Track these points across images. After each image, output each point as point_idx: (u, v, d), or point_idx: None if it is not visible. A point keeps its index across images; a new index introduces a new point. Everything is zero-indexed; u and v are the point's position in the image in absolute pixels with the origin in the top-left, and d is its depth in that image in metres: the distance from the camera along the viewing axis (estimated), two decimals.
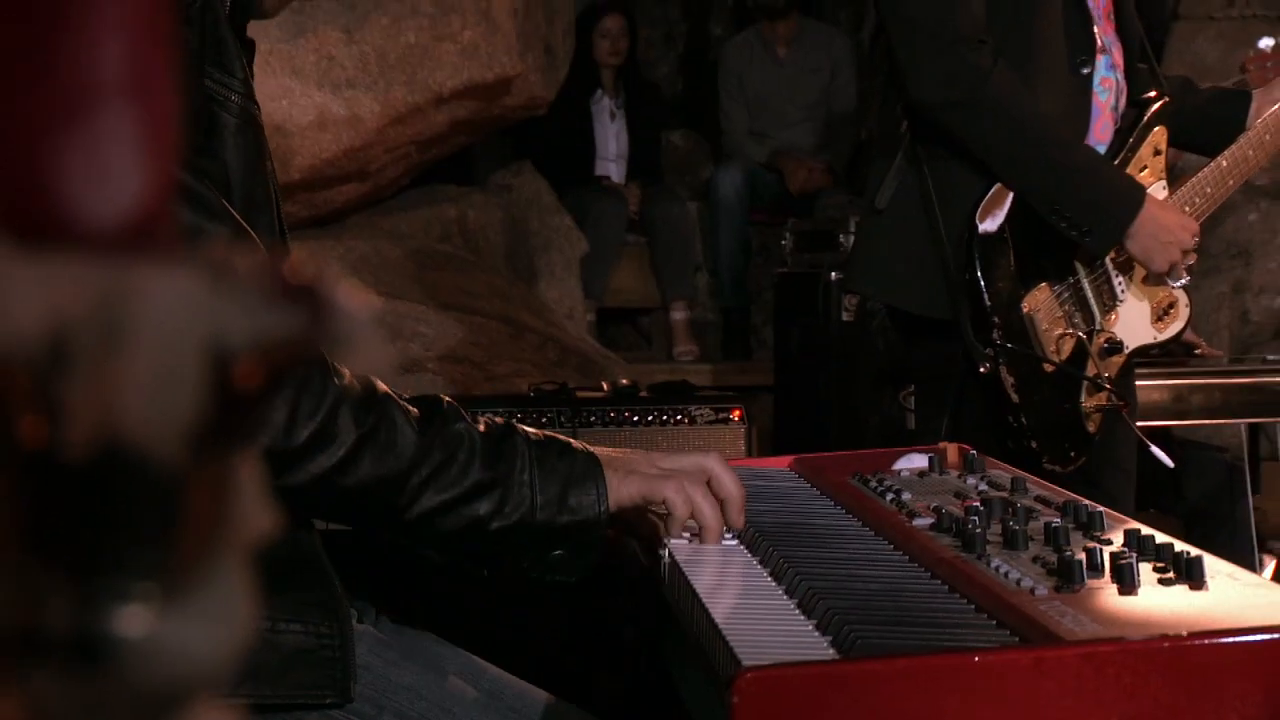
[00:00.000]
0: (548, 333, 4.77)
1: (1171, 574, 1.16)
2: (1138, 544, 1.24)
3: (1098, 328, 2.57)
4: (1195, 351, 3.90)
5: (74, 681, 0.36)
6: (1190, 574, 1.14)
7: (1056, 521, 1.31)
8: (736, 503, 1.41)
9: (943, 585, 1.21)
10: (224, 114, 1.32)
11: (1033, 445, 2.46)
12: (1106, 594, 1.11)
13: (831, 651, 1.05)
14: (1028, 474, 1.63)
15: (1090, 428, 2.53)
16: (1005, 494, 1.51)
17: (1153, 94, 2.63)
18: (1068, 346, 2.54)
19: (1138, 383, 2.80)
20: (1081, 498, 1.46)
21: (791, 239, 4.93)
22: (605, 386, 3.42)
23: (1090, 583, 1.13)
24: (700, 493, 1.39)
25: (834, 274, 4.47)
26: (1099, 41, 2.56)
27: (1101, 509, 1.38)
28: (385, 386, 1.32)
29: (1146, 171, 2.60)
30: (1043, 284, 2.52)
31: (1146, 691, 0.95)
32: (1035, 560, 1.21)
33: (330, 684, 1.30)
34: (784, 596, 1.21)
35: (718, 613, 1.13)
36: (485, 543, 1.35)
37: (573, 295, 5.55)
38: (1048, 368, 2.50)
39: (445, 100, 4.65)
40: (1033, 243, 2.49)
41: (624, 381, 3.48)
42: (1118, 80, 2.61)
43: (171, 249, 0.38)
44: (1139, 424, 2.64)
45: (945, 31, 2.41)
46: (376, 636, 1.43)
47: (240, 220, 1.27)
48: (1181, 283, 2.56)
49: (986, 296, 2.45)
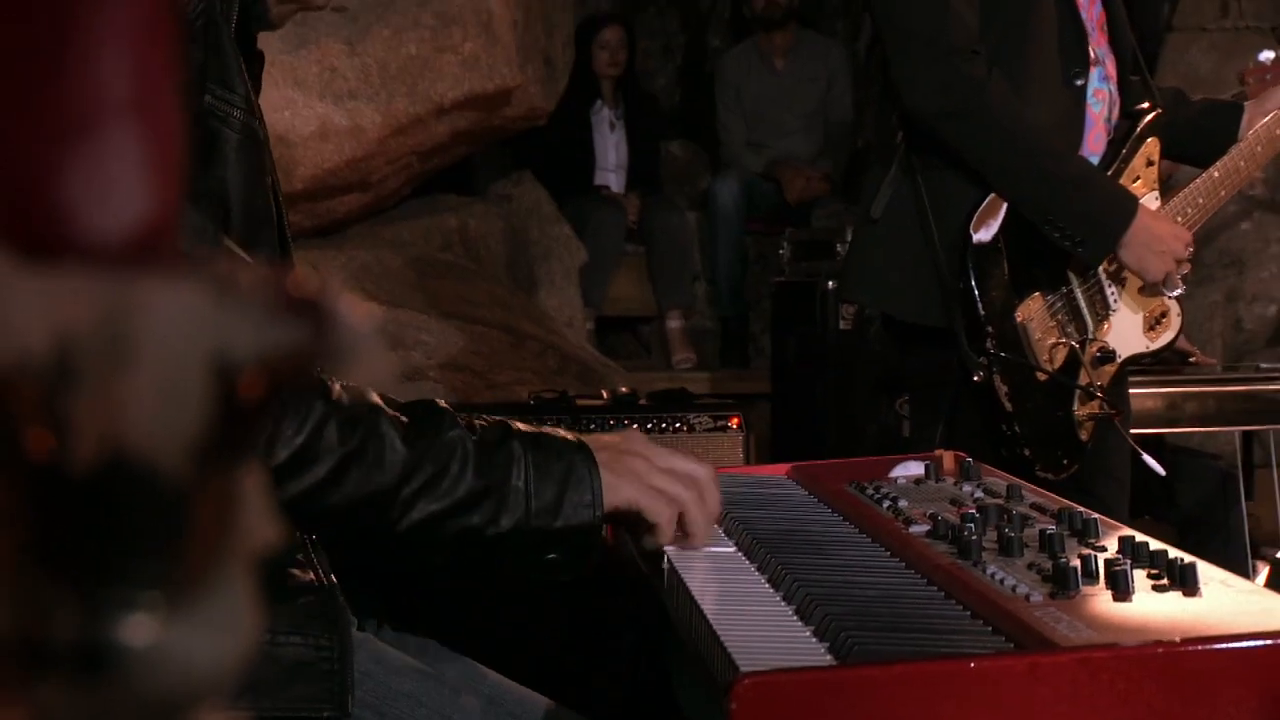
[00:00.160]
0: (548, 341, 4.77)
1: (1165, 580, 1.16)
2: (1132, 551, 1.24)
3: (1090, 337, 2.57)
4: (1190, 359, 3.91)
5: (80, 691, 0.36)
6: (1184, 580, 1.14)
7: (1051, 528, 1.31)
8: (710, 520, 1.42)
9: (939, 592, 1.22)
10: (225, 130, 1.32)
11: (1026, 453, 2.46)
12: (1101, 600, 1.12)
13: (829, 657, 1.05)
14: (1023, 481, 1.63)
15: (1083, 436, 2.53)
16: (1001, 501, 1.52)
17: (1145, 106, 2.63)
18: (1061, 356, 2.54)
19: (1131, 390, 2.80)
20: (1076, 504, 1.46)
21: (789, 248, 4.93)
22: (605, 394, 3.43)
23: (1085, 589, 1.14)
24: (691, 497, 1.39)
25: (831, 283, 4.47)
26: (1092, 54, 2.57)
27: (1096, 516, 1.39)
28: (377, 398, 1.31)
29: (1139, 182, 2.60)
30: (1036, 293, 2.53)
31: (1140, 697, 0.95)
32: (1030, 567, 1.22)
33: (329, 697, 1.30)
34: (781, 603, 1.22)
35: (716, 619, 1.13)
36: (480, 550, 1.35)
37: (572, 304, 5.55)
38: (1041, 377, 2.51)
39: (446, 111, 4.66)
40: (1026, 252, 2.50)
41: (623, 389, 3.48)
42: (1111, 92, 2.62)
43: (176, 264, 0.38)
44: (1132, 431, 2.65)
45: (940, 42, 2.42)
46: (376, 643, 1.44)
47: (234, 248, 1.27)
48: (1177, 292, 2.57)
49: (980, 305, 2.46)
